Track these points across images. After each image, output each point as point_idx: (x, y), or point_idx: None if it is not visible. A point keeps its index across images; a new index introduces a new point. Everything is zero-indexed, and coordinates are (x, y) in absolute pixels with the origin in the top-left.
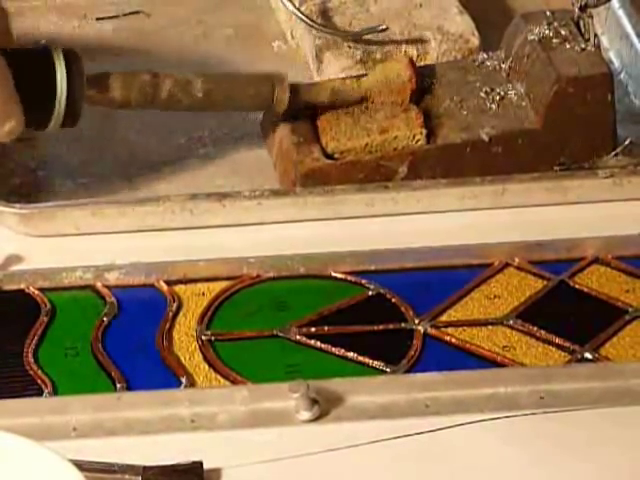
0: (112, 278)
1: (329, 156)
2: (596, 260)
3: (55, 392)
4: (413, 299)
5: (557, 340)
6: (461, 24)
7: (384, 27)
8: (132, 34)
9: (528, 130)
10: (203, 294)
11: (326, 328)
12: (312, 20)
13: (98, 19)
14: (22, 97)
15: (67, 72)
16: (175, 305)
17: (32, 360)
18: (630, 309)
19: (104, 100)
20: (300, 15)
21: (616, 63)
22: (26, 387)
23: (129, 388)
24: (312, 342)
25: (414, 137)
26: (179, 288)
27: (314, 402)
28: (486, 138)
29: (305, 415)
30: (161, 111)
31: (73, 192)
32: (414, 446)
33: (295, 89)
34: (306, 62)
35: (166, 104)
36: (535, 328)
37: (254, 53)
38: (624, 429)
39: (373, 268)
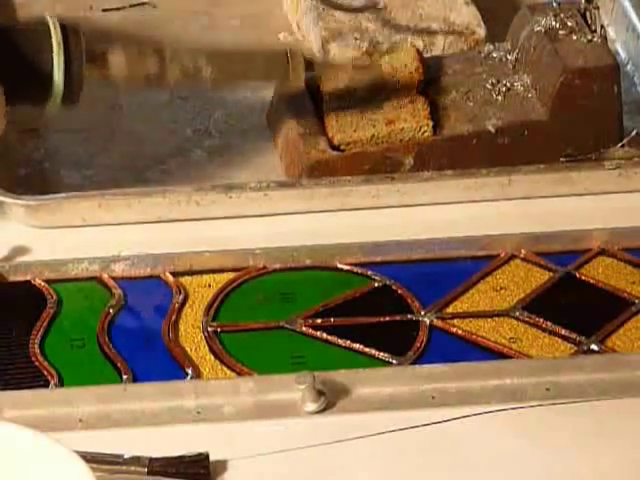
0: (118, 269)
1: (335, 147)
2: (602, 252)
3: (61, 383)
4: (419, 291)
5: (563, 332)
6: (467, 15)
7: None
8: (138, 25)
9: (534, 121)
10: (209, 286)
11: (332, 320)
12: None
13: (104, 10)
14: (19, 73)
15: (65, 47)
16: (181, 296)
17: (38, 351)
18: (636, 301)
19: (106, 77)
20: None
21: (622, 54)
22: (32, 378)
23: (135, 379)
24: (318, 334)
25: (420, 128)
26: (185, 279)
27: (320, 394)
28: (492, 129)
29: (311, 407)
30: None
31: (79, 184)
32: (420, 437)
33: (310, 63)
34: (312, 53)
35: (174, 87)
36: (541, 320)
37: (260, 44)
38: (630, 420)
39: (379, 260)
